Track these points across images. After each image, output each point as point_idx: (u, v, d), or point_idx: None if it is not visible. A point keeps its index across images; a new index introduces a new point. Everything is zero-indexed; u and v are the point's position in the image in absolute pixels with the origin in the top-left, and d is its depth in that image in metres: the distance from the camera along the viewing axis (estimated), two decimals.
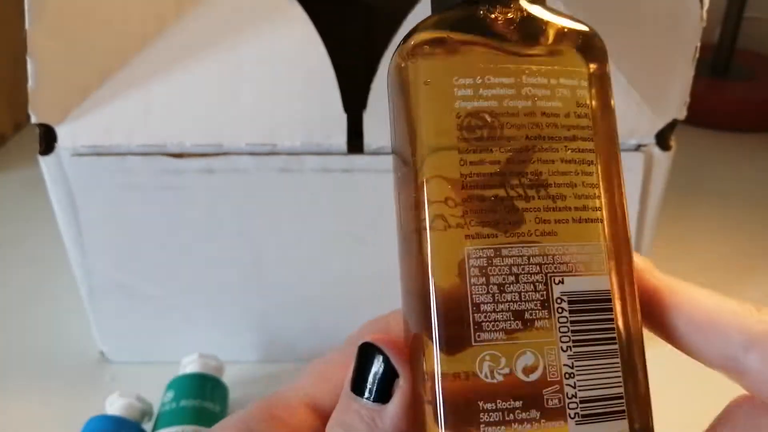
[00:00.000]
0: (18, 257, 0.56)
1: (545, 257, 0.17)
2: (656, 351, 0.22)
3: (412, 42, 0.19)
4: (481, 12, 0.19)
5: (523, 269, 0.17)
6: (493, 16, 0.19)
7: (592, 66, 0.19)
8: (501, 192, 0.18)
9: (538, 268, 0.17)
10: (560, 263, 0.17)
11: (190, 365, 0.41)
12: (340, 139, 0.37)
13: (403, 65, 0.19)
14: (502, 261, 0.17)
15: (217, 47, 0.37)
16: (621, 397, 0.17)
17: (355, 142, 0.37)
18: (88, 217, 0.39)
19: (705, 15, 0.35)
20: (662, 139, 0.38)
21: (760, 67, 0.82)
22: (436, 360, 0.17)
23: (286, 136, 0.37)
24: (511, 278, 0.17)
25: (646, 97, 0.37)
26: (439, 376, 0.17)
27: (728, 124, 0.76)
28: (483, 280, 0.17)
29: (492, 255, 0.17)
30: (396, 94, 0.19)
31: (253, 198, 0.39)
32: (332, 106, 0.36)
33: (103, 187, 0.38)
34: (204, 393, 0.39)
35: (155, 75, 0.37)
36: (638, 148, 0.38)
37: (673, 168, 0.39)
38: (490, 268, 0.17)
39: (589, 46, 0.19)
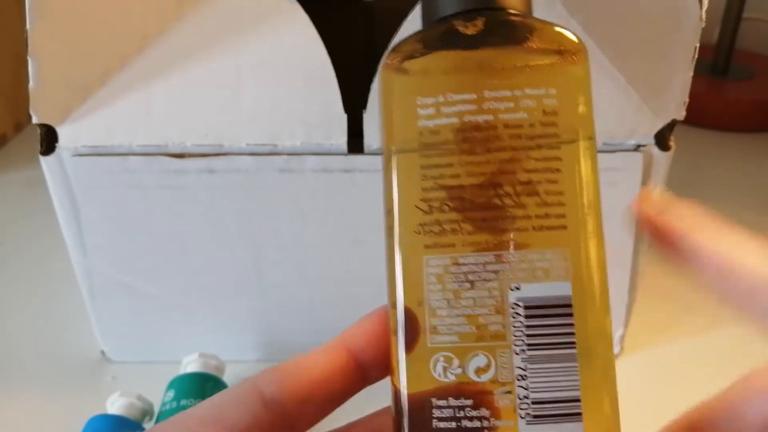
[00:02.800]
0: (19, 257, 0.56)
1: (502, 265, 0.18)
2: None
3: (392, 55, 0.20)
4: (456, 26, 0.19)
5: (479, 276, 0.18)
6: (466, 29, 0.19)
7: (568, 70, 0.19)
8: (460, 204, 0.18)
9: (494, 275, 0.18)
10: (518, 270, 0.18)
11: (190, 365, 0.41)
12: (341, 140, 0.37)
13: (381, 76, 0.20)
14: (459, 269, 0.18)
15: (217, 48, 0.37)
16: (577, 400, 0.18)
17: (356, 143, 0.37)
18: (89, 217, 0.39)
19: (704, 15, 0.35)
20: (661, 140, 0.38)
21: (759, 67, 0.83)
22: (400, 357, 0.18)
23: (286, 137, 0.37)
24: (467, 285, 0.18)
25: (646, 98, 0.37)
26: (404, 374, 0.18)
27: (727, 125, 0.76)
28: (439, 287, 0.18)
29: (448, 263, 0.18)
30: (379, 98, 0.20)
31: (254, 198, 0.39)
32: (332, 106, 0.37)
33: (105, 187, 0.38)
34: (205, 392, 0.39)
35: (156, 75, 0.37)
36: (637, 148, 0.38)
37: (672, 168, 0.39)
38: (446, 275, 0.18)
39: (567, 51, 0.19)
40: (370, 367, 0.20)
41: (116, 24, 0.37)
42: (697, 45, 0.35)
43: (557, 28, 0.19)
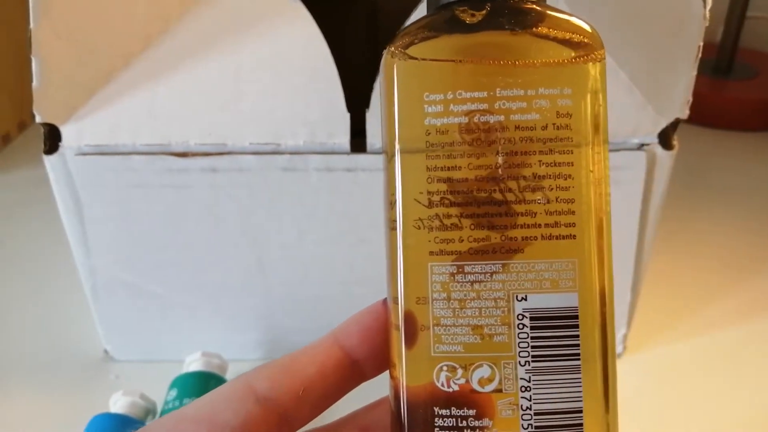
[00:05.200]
0: (22, 256, 0.56)
1: (509, 274, 0.18)
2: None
3: (396, 43, 0.18)
4: (462, 14, 0.18)
5: (485, 286, 0.18)
6: (469, 18, 0.18)
7: (583, 67, 0.18)
8: (467, 209, 0.18)
9: (500, 285, 0.18)
10: (525, 280, 0.18)
11: (193, 364, 0.41)
12: (343, 139, 0.37)
13: (384, 66, 0.19)
14: (464, 278, 0.18)
15: (220, 47, 0.37)
16: (579, 411, 0.17)
17: (358, 142, 0.37)
18: (92, 216, 0.39)
19: (708, 14, 0.35)
20: (665, 139, 0.38)
21: (763, 66, 0.82)
22: (402, 368, 0.18)
23: (289, 136, 0.37)
24: (473, 294, 0.18)
25: (649, 96, 0.37)
26: (404, 382, 0.18)
27: (731, 123, 0.76)
28: (444, 295, 0.18)
29: (454, 271, 0.18)
30: (381, 89, 0.19)
31: (257, 197, 0.39)
32: (335, 105, 0.37)
33: (108, 186, 0.38)
34: (207, 391, 0.39)
35: (159, 74, 0.37)
36: (641, 147, 0.38)
37: (675, 167, 0.39)
38: (451, 284, 0.18)
39: (581, 45, 0.18)
40: (364, 363, 0.20)
41: (119, 23, 0.37)
42: (701, 44, 0.35)
43: (571, 18, 0.18)
